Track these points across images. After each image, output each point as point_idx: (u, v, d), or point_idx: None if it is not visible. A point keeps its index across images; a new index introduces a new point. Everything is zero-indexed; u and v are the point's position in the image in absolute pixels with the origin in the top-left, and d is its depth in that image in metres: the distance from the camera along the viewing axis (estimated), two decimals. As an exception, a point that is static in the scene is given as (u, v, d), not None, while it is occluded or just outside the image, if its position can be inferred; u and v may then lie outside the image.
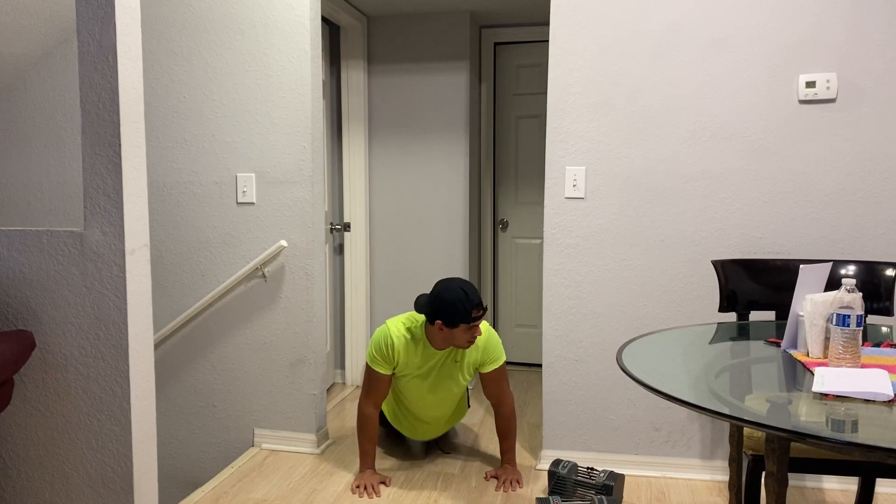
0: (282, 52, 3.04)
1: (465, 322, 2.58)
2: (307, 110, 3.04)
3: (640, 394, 2.89)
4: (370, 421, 2.78)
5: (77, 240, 1.96)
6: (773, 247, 2.74)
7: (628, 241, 2.84)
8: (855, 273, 2.34)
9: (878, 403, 1.45)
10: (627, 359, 1.79)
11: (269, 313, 3.15)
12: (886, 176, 2.64)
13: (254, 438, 3.22)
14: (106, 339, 1.96)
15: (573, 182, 2.85)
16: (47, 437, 2.04)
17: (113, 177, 1.91)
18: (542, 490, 2.76)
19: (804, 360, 1.74)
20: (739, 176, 2.74)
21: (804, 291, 1.83)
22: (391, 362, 2.75)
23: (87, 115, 1.91)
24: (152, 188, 3.22)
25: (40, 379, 2.03)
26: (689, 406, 1.45)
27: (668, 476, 2.87)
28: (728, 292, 2.42)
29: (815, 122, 2.67)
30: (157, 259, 3.24)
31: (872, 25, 2.60)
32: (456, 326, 2.60)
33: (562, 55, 2.82)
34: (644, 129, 2.79)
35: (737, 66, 2.70)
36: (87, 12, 1.88)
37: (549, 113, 2.85)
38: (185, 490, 3.29)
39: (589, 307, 2.89)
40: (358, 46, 4.05)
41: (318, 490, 2.78)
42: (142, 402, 2.01)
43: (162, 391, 3.29)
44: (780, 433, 1.31)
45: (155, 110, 3.19)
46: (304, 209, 3.08)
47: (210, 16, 3.09)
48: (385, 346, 2.73)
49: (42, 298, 2.00)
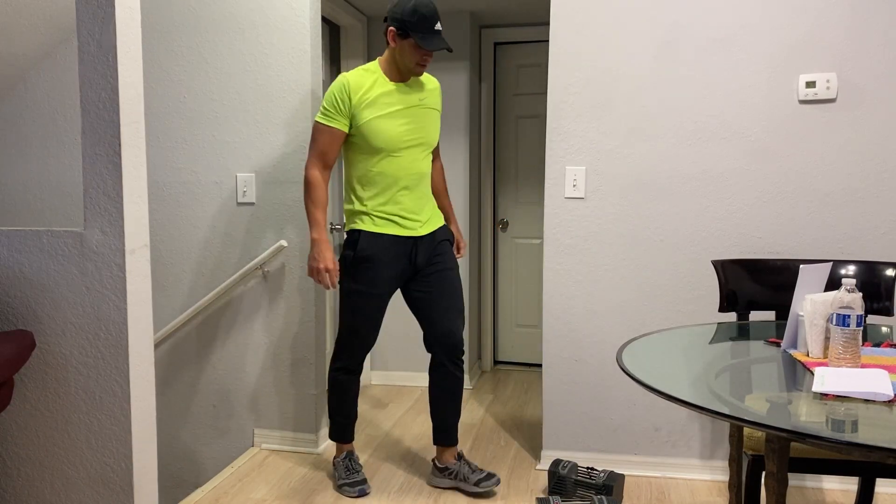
0: (282, 52, 3.04)
1: (417, 30, 2.45)
2: (307, 110, 3.04)
3: (640, 394, 2.89)
4: (319, 185, 2.58)
5: (77, 240, 1.96)
6: (773, 247, 2.74)
7: (628, 240, 2.84)
8: (855, 273, 2.34)
9: (878, 403, 1.45)
10: (627, 359, 1.79)
11: (269, 313, 3.15)
12: (886, 176, 2.64)
13: (254, 438, 3.22)
14: (106, 339, 1.96)
15: (573, 182, 2.85)
16: (47, 437, 2.04)
17: (113, 177, 1.91)
18: (542, 490, 2.76)
19: (804, 360, 1.74)
20: (739, 176, 2.74)
21: (804, 291, 1.83)
22: (345, 110, 2.52)
23: (87, 115, 1.91)
24: (152, 188, 3.22)
25: (40, 379, 2.03)
26: (689, 406, 1.45)
27: (668, 476, 2.87)
28: (728, 292, 2.42)
29: (815, 122, 2.67)
30: (157, 259, 3.24)
31: (872, 25, 2.60)
32: (407, 37, 2.47)
33: (562, 55, 2.82)
34: (644, 129, 2.79)
35: (737, 66, 2.70)
36: (87, 12, 1.88)
37: (549, 113, 2.85)
38: (185, 490, 3.29)
39: (589, 307, 2.89)
40: (358, 46, 4.05)
41: (318, 490, 2.78)
42: (142, 402, 2.01)
43: (162, 391, 3.29)
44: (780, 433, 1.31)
45: (155, 110, 3.19)
46: (304, 209, 3.08)
47: (210, 16, 3.09)
48: (338, 91, 2.51)
49: (42, 298, 2.00)
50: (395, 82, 2.59)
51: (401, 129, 2.57)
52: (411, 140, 2.60)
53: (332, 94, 2.53)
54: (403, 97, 2.60)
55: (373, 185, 2.60)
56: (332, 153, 2.58)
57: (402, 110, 2.58)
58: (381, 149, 2.56)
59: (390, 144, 2.56)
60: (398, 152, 2.58)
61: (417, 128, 2.61)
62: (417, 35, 2.46)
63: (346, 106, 2.52)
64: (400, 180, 2.60)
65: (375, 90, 2.55)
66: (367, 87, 2.54)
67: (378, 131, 2.53)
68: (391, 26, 2.49)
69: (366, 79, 2.55)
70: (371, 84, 2.55)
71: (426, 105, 2.65)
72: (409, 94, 2.61)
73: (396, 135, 2.56)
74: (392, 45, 2.52)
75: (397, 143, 2.57)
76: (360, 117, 2.53)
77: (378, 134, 2.54)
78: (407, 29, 2.46)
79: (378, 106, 2.54)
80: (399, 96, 2.59)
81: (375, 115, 2.53)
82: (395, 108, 2.56)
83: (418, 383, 4.23)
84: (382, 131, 2.54)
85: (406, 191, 2.62)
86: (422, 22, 2.45)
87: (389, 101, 2.56)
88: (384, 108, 2.54)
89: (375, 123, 2.53)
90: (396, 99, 2.58)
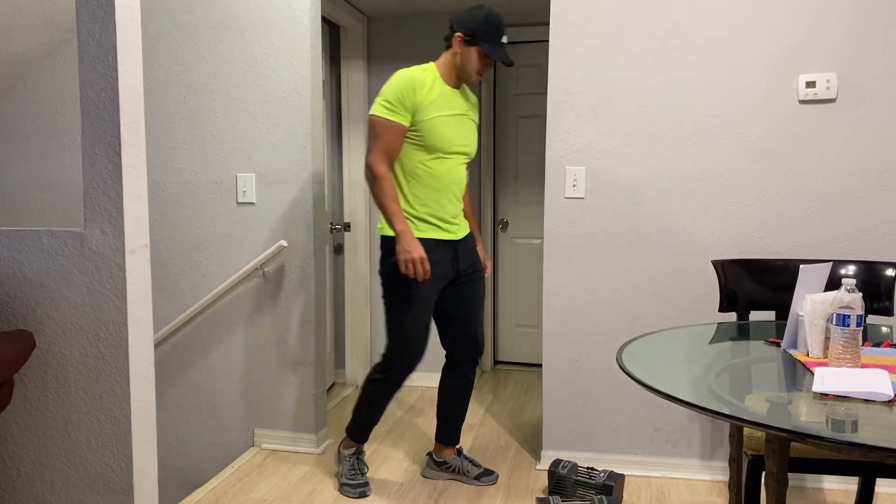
0: (282, 52, 3.04)
1: (487, 40, 2.47)
2: (307, 110, 3.04)
3: (640, 394, 2.89)
4: (389, 178, 2.50)
5: (77, 240, 1.96)
6: (773, 247, 2.74)
7: (628, 241, 2.84)
8: (855, 273, 2.34)
9: (878, 403, 1.45)
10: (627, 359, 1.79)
11: (269, 313, 3.15)
12: (886, 176, 2.64)
13: (254, 438, 3.22)
14: (106, 339, 1.96)
15: (573, 182, 2.85)
16: (47, 437, 2.04)
17: (113, 177, 1.91)
18: (542, 490, 2.76)
19: (804, 360, 1.74)
20: (739, 176, 2.74)
21: (804, 291, 1.83)
22: (410, 106, 2.47)
23: (87, 115, 1.91)
24: (152, 188, 3.22)
25: (40, 379, 2.03)
26: (689, 406, 1.45)
27: (668, 476, 2.87)
28: (728, 292, 2.42)
29: (815, 122, 2.67)
30: (157, 259, 3.24)
31: (872, 25, 2.60)
32: (475, 44, 2.48)
33: (562, 55, 2.82)
34: (644, 130, 2.79)
35: (737, 66, 2.70)
36: (87, 12, 1.88)
37: (549, 113, 2.85)
38: (185, 490, 3.29)
39: (589, 307, 2.89)
40: (358, 46, 4.05)
41: (318, 490, 2.78)
42: (142, 402, 2.01)
43: (162, 391, 3.29)
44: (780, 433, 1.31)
45: (155, 110, 3.19)
46: (304, 209, 3.08)
47: (210, 16, 3.09)
48: (404, 86, 2.46)
49: (42, 298, 2.00)
50: (449, 86, 2.59)
51: (455, 132, 2.56)
52: (460, 146, 2.58)
53: (398, 88, 2.47)
54: (457, 102, 2.60)
55: (421, 185, 2.55)
56: (396, 148, 2.51)
57: (457, 115, 2.57)
58: (437, 148, 2.52)
59: (445, 145, 2.53)
60: (449, 155, 2.56)
61: (465, 135, 2.60)
62: (485, 44, 2.47)
63: (411, 101, 2.47)
64: (448, 183, 2.57)
65: (436, 90, 2.53)
66: (429, 85, 2.51)
67: (437, 130, 2.51)
68: (459, 32, 2.49)
69: (427, 77, 2.52)
70: (431, 83, 2.53)
71: (470, 117, 2.65)
72: (460, 101, 2.61)
73: (452, 137, 2.54)
74: (456, 50, 2.52)
75: (451, 146, 2.55)
76: (424, 114, 2.49)
77: (437, 133, 2.51)
78: (475, 37, 2.47)
79: (438, 106, 2.52)
80: (454, 101, 2.58)
81: (437, 115, 2.51)
82: (451, 112, 2.56)
83: (418, 383, 4.23)
84: (441, 131, 2.52)
85: (451, 194, 2.59)
86: (491, 32, 2.47)
87: (447, 104, 2.55)
88: (443, 108, 2.53)
89: (436, 122, 2.50)
90: (452, 103, 2.57)
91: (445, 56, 2.57)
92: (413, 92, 2.47)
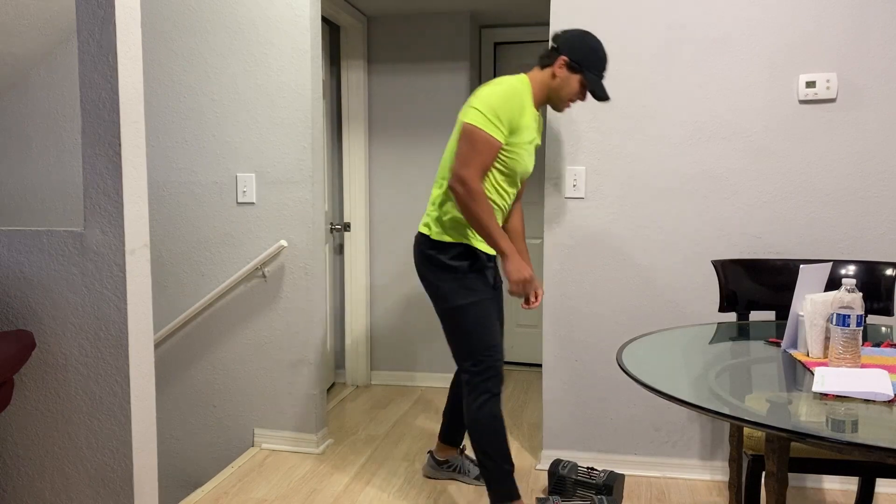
0: (282, 52, 3.04)
1: (593, 72, 2.29)
2: (307, 110, 3.04)
3: (640, 394, 2.89)
4: (486, 195, 2.24)
5: (77, 240, 1.96)
6: (773, 247, 2.74)
7: (628, 240, 2.84)
8: (855, 273, 2.34)
9: (878, 403, 1.45)
10: (627, 359, 1.79)
11: (269, 313, 3.15)
12: (886, 176, 2.64)
13: (254, 438, 3.22)
14: (106, 339, 1.96)
15: (573, 182, 2.85)
16: (47, 437, 2.04)
17: (113, 177, 1.91)
18: (542, 490, 2.76)
19: (804, 360, 1.74)
20: (739, 176, 2.74)
21: (804, 291, 1.83)
22: (513, 127, 2.25)
23: (87, 115, 1.91)
24: (152, 188, 3.23)
25: (40, 379, 2.03)
26: (689, 406, 1.45)
27: (668, 476, 2.87)
28: (728, 292, 2.42)
29: (815, 122, 2.67)
30: (157, 259, 3.24)
31: (872, 25, 2.60)
32: (579, 72, 2.29)
33: (562, 55, 2.82)
34: (644, 129, 2.79)
35: (737, 66, 2.70)
36: (87, 12, 1.88)
37: (549, 113, 2.85)
38: (185, 490, 3.29)
39: (589, 307, 2.89)
40: (358, 46, 4.05)
41: (318, 490, 2.78)
42: (142, 402, 2.01)
43: (162, 391, 3.29)
44: (780, 433, 1.31)
45: (155, 110, 3.19)
46: (304, 209, 3.08)
47: (210, 16, 3.09)
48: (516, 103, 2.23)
49: (42, 298, 2.00)
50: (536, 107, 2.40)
51: (531, 158, 2.39)
52: (528, 172, 2.43)
53: (505, 103, 2.22)
54: (538, 127, 2.44)
55: None
56: (490, 165, 2.27)
57: (534, 140, 2.40)
58: (515, 173, 2.35)
59: (522, 171, 2.37)
60: (518, 180, 2.40)
61: (533, 161, 2.42)
62: (591, 75, 2.30)
63: (516, 122, 2.26)
64: (508, 204, 2.42)
65: (529, 111, 2.33)
66: (528, 105, 2.32)
67: (521, 156, 2.32)
68: (565, 56, 2.29)
69: (526, 96, 2.31)
70: (529, 103, 2.33)
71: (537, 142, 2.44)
72: (539, 125, 2.46)
73: (528, 163, 2.37)
74: (557, 73, 2.30)
75: (525, 172, 2.39)
76: (518, 136, 2.29)
77: (522, 159, 2.33)
78: (582, 65, 2.29)
79: (530, 130, 2.33)
80: (537, 125, 2.42)
81: (525, 140, 2.32)
82: (533, 137, 2.37)
83: (418, 383, 4.23)
84: (525, 157, 2.34)
85: (502, 214, 2.42)
86: (598, 64, 2.31)
87: (535, 128, 2.38)
88: (530, 134, 2.34)
89: (523, 148, 2.32)
90: (536, 127, 2.40)
91: (541, 75, 2.34)
92: (520, 113, 2.26)
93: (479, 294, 2.34)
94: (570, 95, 2.34)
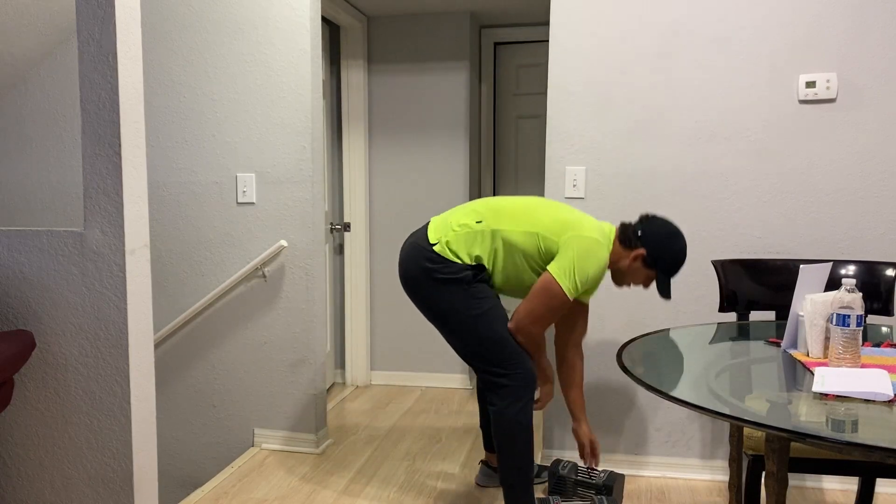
0: (282, 52, 3.04)
1: (666, 273, 2.31)
2: (307, 110, 3.04)
3: (640, 394, 2.89)
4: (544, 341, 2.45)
5: (77, 240, 1.96)
6: (773, 247, 2.74)
7: (628, 241, 2.83)
8: (855, 273, 2.34)
9: (878, 403, 1.45)
10: (627, 359, 1.79)
11: (269, 313, 3.15)
12: (886, 176, 2.64)
13: (254, 438, 3.22)
14: (106, 339, 1.96)
15: (573, 182, 2.85)
16: (47, 436, 2.04)
17: (113, 177, 1.91)
18: (543, 490, 2.76)
19: (804, 360, 1.74)
20: (739, 176, 2.74)
21: (804, 291, 1.83)
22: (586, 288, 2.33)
23: (87, 115, 1.91)
24: (152, 188, 3.23)
25: (40, 379, 2.03)
26: (689, 406, 1.45)
27: (668, 476, 2.87)
28: (728, 292, 2.42)
29: (816, 122, 2.67)
30: (157, 259, 3.24)
31: (872, 25, 2.60)
32: (652, 268, 2.30)
33: (562, 55, 2.82)
34: (644, 129, 2.79)
35: (737, 66, 2.70)
36: (87, 12, 1.88)
37: (549, 113, 2.85)
38: (185, 490, 3.29)
39: (589, 307, 2.88)
40: (358, 46, 4.05)
41: (318, 490, 2.78)
42: (142, 402, 2.01)
43: (162, 391, 3.29)
44: (780, 433, 1.31)
45: (155, 110, 3.19)
46: (304, 209, 3.08)
47: (210, 16, 3.09)
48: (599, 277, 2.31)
49: (42, 298, 2.00)
50: None
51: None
52: None
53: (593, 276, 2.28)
54: None
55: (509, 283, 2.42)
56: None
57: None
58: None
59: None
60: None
61: None
62: (662, 276, 2.31)
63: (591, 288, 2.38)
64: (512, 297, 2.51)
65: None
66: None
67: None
68: (645, 250, 2.29)
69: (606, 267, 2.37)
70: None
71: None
72: None
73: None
74: (630, 261, 2.32)
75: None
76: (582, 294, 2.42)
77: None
78: (657, 264, 2.30)
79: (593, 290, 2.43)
80: None
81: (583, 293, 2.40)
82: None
83: (418, 383, 4.23)
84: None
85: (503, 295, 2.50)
86: (674, 268, 2.31)
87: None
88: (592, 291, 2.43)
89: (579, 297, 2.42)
90: None
91: (622, 252, 2.34)
92: (599, 283, 2.36)
93: (490, 300, 2.34)
94: (635, 282, 2.37)
